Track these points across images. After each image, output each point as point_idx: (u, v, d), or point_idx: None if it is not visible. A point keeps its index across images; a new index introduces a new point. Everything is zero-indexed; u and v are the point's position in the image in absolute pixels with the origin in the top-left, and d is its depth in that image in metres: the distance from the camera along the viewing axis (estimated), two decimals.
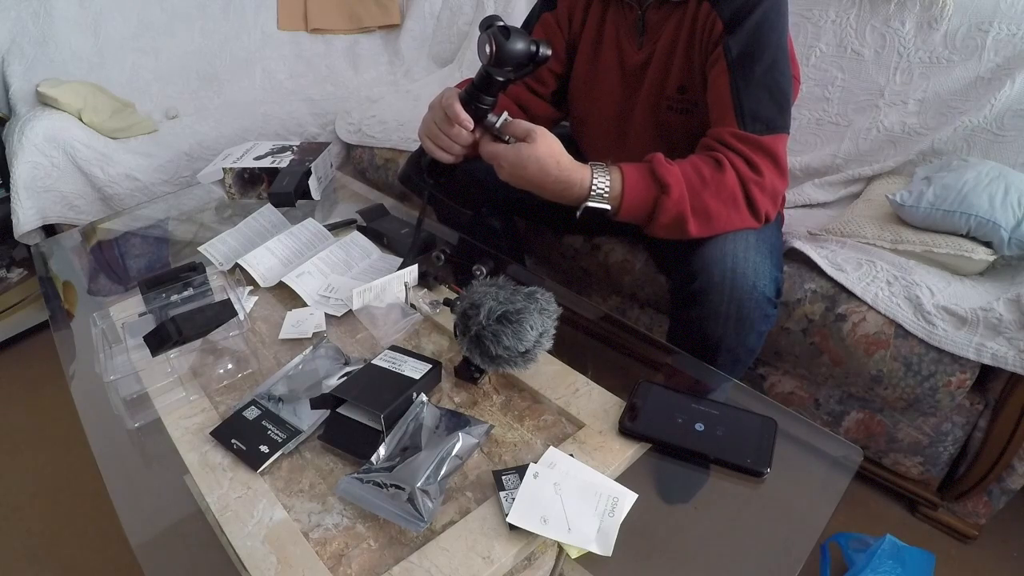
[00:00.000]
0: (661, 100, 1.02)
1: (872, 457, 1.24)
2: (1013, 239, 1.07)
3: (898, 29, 1.32)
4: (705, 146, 0.92)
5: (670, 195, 0.85)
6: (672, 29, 0.98)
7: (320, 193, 1.34)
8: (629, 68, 1.05)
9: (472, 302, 0.75)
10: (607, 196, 0.87)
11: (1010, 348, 0.98)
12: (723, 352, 0.94)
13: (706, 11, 0.93)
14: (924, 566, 1.04)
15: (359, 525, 0.64)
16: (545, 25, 1.10)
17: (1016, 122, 1.22)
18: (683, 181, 0.86)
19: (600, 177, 0.87)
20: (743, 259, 0.89)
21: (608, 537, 0.61)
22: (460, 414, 0.76)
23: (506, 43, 0.82)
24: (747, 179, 0.87)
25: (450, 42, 2.22)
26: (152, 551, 0.66)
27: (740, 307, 0.89)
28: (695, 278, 0.90)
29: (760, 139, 0.88)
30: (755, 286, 0.89)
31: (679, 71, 0.99)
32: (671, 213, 0.87)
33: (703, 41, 0.94)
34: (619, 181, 0.87)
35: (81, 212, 1.67)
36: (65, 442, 1.51)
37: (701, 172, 0.87)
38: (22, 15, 1.83)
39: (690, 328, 0.93)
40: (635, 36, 1.03)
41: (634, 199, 0.87)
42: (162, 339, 0.77)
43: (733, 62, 0.89)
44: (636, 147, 1.07)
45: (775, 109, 0.90)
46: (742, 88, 0.89)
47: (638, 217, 0.89)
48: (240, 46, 2.15)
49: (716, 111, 0.92)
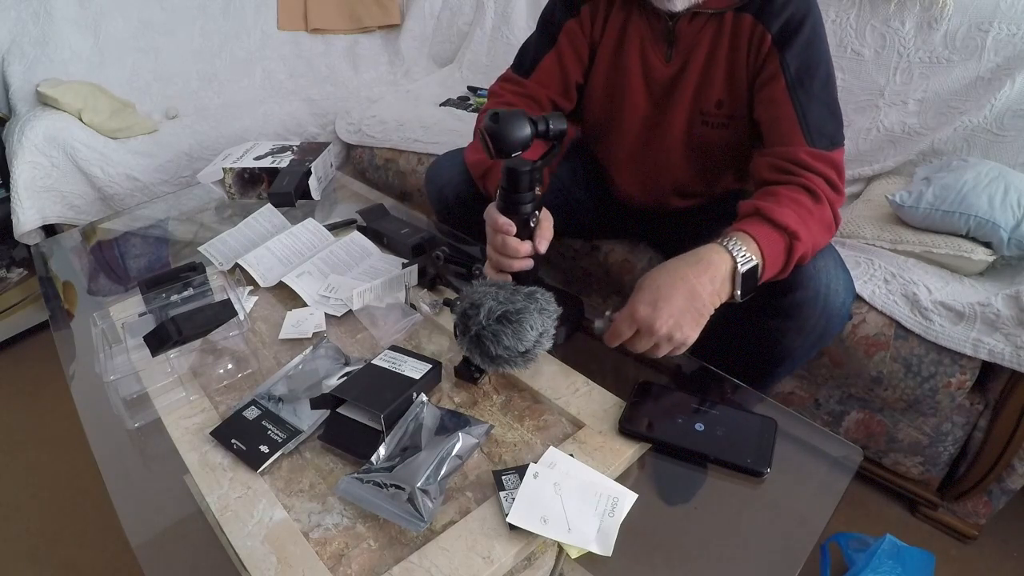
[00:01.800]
0: (697, 115, 0.99)
1: (872, 457, 1.24)
2: (1013, 239, 1.07)
3: (898, 29, 1.32)
4: (776, 167, 0.88)
5: (800, 239, 0.80)
6: (709, 42, 0.94)
7: (320, 193, 1.34)
8: (657, 80, 1.01)
9: (472, 302, 0.75)
10: (749, 255, 0.78)
11: (1007, 344, 0.98)
12: (788, 362, 0.93)
13: (749, 24, 0.91)
14: (924, 566, 1.04)
15: (359, 525, 0.64)
16: (570, 33, 1.04)
17: (1016, 122, 1.22)
18: (800, 221, 0.81)
19: (730, 243, 0.78)
20: (835, 276, 0.87)
21: (608, 537, 0.61)
22: (460, 414, 0.76)
23: (500, 129, 0.73)
24: (832, 199, 0.85)
25: (450, 42, 2.22)
26: (152, 551, 0.66)
27: (829, 322, 0.88)
28: (788, 292, 0.86)
29: (831, 155, 0.87)
30: (844, 303, 0.88)
31: (720, 85, 0.96)
32: (800, 253, 0.82)
33: (750, 55, 0.92)
34: (750, 240, 0.79)
35: (81, 212, 1.67)
36: (65, 442, 1.51)
37: (806, 206, 0.83)
38: (22, 15, 1.83)
39: (765, 338, 0.91)
40: (663, 47, 0.98)
41: (773, 254, 0.80)
42: (162, 339, 0.77)
43: (793, 78, 0.88)
44: (668, 160, 1.05)
45: (835, 123, 0.89)
46: (805, 104, 0.88)
47: (777, 269, 0.81)
48: (240, 46, 2.15)
49: (780, 127, 0.89)
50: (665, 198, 1.11)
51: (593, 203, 1.21)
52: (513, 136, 0.74)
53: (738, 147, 1.01)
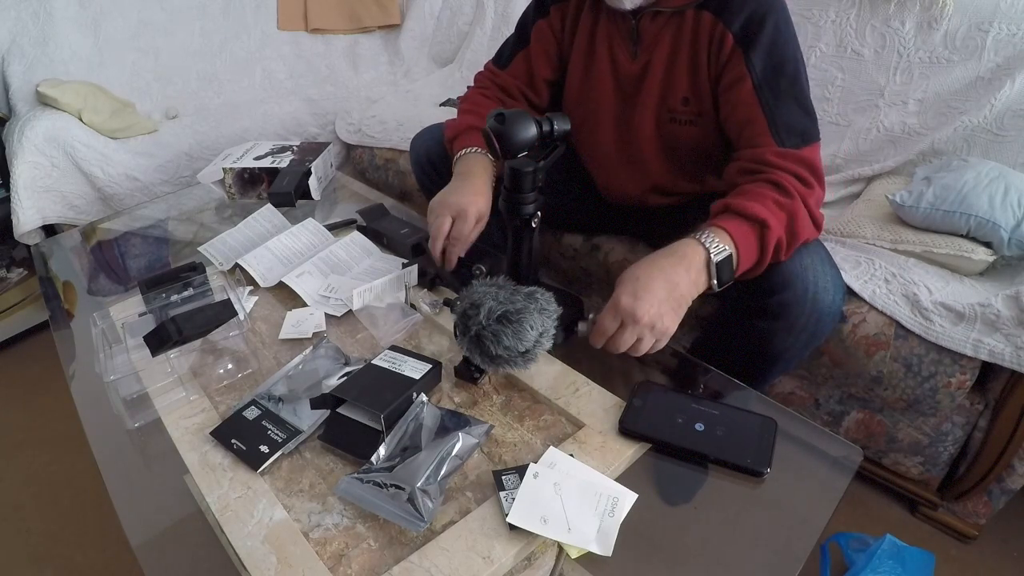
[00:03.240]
0: (664, 112, 1.00)
1: (872, 457, 1.24)
2: (1013, 239, 1.07)
3: (898, 29, 1.32)
4: (745, 170, 0.89)
5: (771, 227, 0.81)
6: (670, 39, 0.96)
7: (320, 193, 1.34)
8: (624, 78, 1.03)
9: (472, 302, 0.75)
10: (722, 246, 0.80)
11: (1007, 344, 0.98)
12: (781, 363, 0.94)
13: (709, 22, 0.91)
14: (924, 566, 1.04)
15: (359, 525, 0.64)
16: (539, 32, 1.09)
17: (1016, 122, 1.22)
18: (768, 211, 0.82)
19: (703, 236, 0.80)
20: (823, 274, 0.88)
21: (608, 537, 0.61)
22: (460, 414, 0.76)
23: (506, 130, 0.74)
24: (804, 194, 0.85)
25: (450, 42, 2.22)
26: (152, 551, 0.66)
27: (819, 321, 0.88)
28: (775, 292, 0.87)
29: (800, 153, 0.87)
30: (834, 301, 0.88)
31: (682, 82, 0.97)
32: (772, 245, 0.83)
33: (711, 54, 0.92)
34: (722, 232, 0.80)
35: (81, 212, 1.67)
36: (65, 442, 1.51)
37: (772, 197, 0.83)
38: (22, 15, 1.83)
39: (756, 338, 0.91)
40: (629, 45, 1.00)
41: (747, 246, 0.81)
42: (162, 339, 0.77)
43: (760, 78, 0.88)
44: (641, 158, 1.06)
45: (806, 119, 0.89)
46: (772, 104, 0.88)
47: (752, 259, 0.83)
48: (240, 46, 2.15)
49: (747, 130, 0.90)
50: (645, 196, 1.13)
51: (590, 198, 1.23)
52: (519, 137, 0.74)
53: (709, 145, 1.01)
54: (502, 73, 1.14)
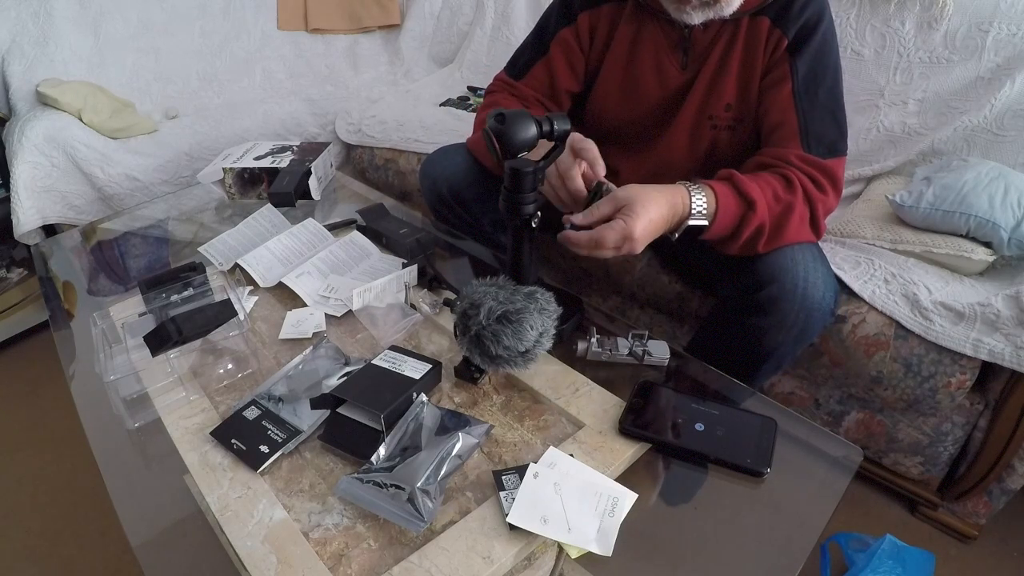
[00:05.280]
0: (705, 118, 1.00)
1: (872, 457, 1.24)
2: (1013, 239, 1.07)
3: (898, 29, 1.32)
4: (764, 164, 0.89)
5: (756, 211, 0.83)
6: (723, 47, 0.95)
7: (320, 193, 1.34)
8: (671, 87, 1.01)
9: (472, 302, 0.75)
10: (705, 213, 0.84)
11: (1007, 344, 0.98)
12: (772, 360, 0.94)
13: (766, 27, 0.91)
14: (924, 566, 1.04)
15: (359, 525, 0.64)
16: (562, 42, 1.05)
17: (1016, 122, 1.22)
18: (762, 196, 0.84)
19: (697, 195, 0.84)
20: (813, 269, 0.88)
21: (608, 537, 0.61)
22: (460, 414, 0.76)
23: (506, 130, 0.74)
24: (814, 197, 0.86)
25: (450, 42, 2.22)
26: (152, 551, 0.66)
27: (808, 317, 0.88)
28: (763, 286, 0.88)
29: (824, 163, 0.87)
30: (824, 297, 0.89)
31: (729, 89, 0.96)
32: (752, 228, 0.85)
33: (765, 58, 0.92)
34: (713, 198, 0.84)
35: (81, 212, 1.67)
36: (65, 442, 1.51)
37: (775, 189, 0.86)
38: (22, 15, 1.82)
39: (748, 335, 0.92)
40: (679, 55, 0.99)
41: (725, 215, 0.84)
42: (162, 339, 0.77)
43: (800, 83, 0.88)
44: (667, 158, 1.06)
45: (837, 132, 0.90)
46: (808, 111, 0.88)
47: (724, 233, 0.87)
48: (240, 46, 2.15)
49: (779, 131, 0.90)
50: None
51: None
52: (519, 137, 0.74)
53: (742, 149, 1.01)
54: (518, 84, 1.09)
